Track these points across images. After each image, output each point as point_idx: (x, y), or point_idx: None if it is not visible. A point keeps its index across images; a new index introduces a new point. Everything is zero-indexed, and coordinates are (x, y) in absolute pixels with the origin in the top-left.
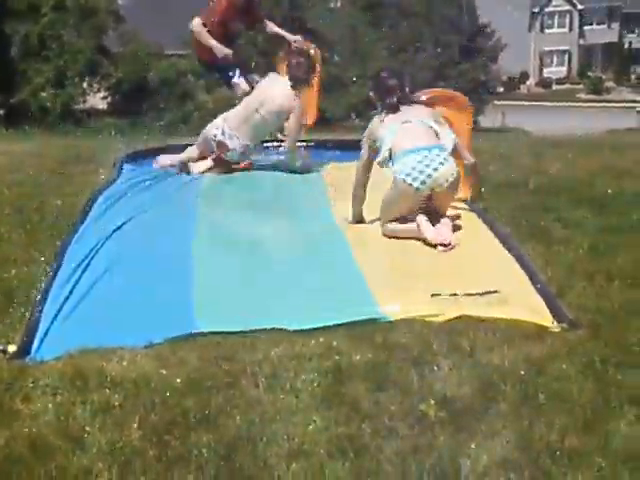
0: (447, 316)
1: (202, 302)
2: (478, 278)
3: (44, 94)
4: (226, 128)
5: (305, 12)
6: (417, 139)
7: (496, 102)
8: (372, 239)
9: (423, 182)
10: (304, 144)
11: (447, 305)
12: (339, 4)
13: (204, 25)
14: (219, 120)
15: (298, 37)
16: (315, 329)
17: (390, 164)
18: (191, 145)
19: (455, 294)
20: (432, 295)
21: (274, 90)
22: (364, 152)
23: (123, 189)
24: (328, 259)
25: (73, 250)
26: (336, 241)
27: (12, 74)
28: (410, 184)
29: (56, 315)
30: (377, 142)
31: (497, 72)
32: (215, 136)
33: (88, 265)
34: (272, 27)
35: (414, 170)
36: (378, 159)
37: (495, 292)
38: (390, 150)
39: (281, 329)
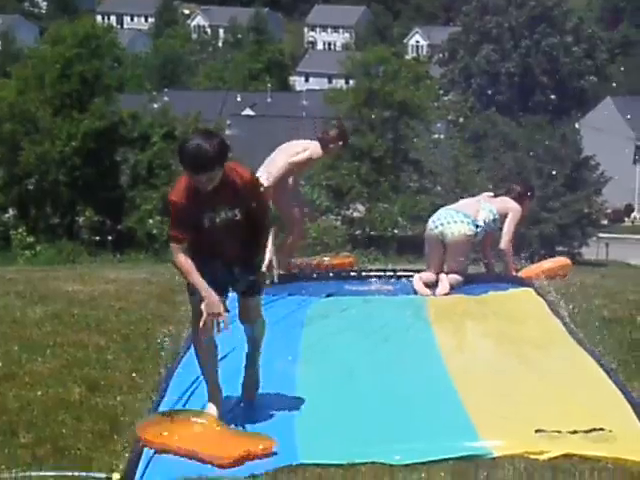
0: (551, 454)
1: (303, 432)
2: (583, 413)
3: (151, 221)
4: None
5: (410, 144)
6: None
7: (600, 235)
8: (474, 368)
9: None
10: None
11: (551, 442)
12: (442, 136)
13: None
14: None
15: None
16: (417, 463)
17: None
18: None
19: (559, 431)
20: (536, 431)
21: None
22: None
23: (229, 318)
24: (429, 389)
25: (177, 378)
26: (437, 371)
27: (121, 201)
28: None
29: None
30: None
31: (601, 205)
32: None
33: (192, 394)
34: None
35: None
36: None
37: (600, 430)
38: None
39: (382, 462)
